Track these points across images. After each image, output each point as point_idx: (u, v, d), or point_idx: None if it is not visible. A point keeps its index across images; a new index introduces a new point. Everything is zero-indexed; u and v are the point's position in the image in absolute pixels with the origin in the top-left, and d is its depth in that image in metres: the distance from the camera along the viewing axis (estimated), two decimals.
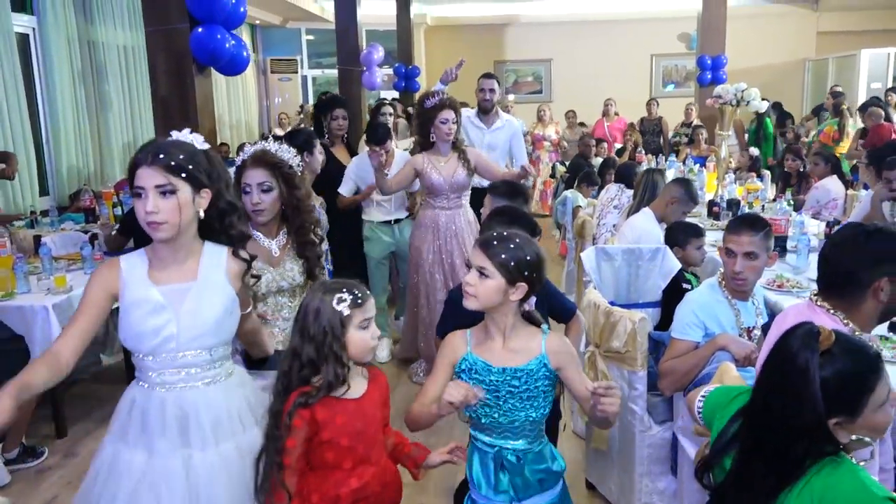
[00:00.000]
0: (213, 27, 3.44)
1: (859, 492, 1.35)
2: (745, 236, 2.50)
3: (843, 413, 1.39)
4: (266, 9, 11.04)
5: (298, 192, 2.49)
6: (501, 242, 1.85)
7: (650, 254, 3.40)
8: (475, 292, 1.86)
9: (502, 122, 5.20)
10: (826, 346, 1.41)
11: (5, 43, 5.93)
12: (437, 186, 4.14)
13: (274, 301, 2.53)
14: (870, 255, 1.93)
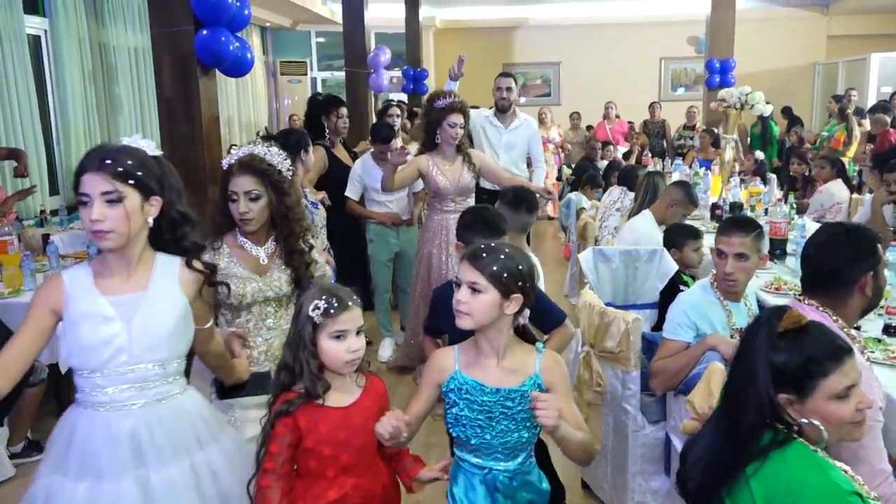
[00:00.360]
0: (217, 29, 3.50)
1: (825, 487, 1.37)
2: (736, 238, 2.53)
3: (792, 390, 1.45)
4: (276, 11, 11.13)
5: (288, 200, 2.38)
6: (490, 254, 1.77)
7: (647, 255, 3.43)
8: (469, 310, 1.76)
9: (520, 121, 5.11)
10: (787, 325, 1.47)
11: (18, 45, 6.01)
12: (443, 190, 4.10)
13: (259, 310, 2.43)
14: (852, 254, 1.97)
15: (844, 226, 2.13)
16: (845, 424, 1.47)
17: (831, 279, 1.97)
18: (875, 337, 2.76)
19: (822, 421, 1.45)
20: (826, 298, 1.99)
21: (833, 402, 1.45)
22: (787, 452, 1.44)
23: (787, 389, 1.46)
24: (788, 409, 1.46)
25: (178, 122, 3.60)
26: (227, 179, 2.35)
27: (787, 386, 1.46)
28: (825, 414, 1.45)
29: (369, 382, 1.93)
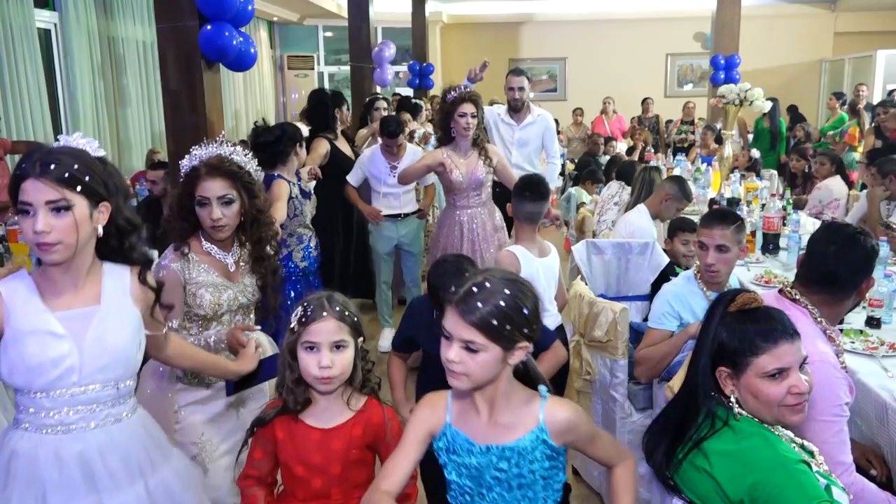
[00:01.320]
0: (221, 24, 3.57)
1: (773, 458, 1.48)
2: (717, 230, 2.59)
3: (728, 365, 1.58)
4: (284, 6, 11.21)
5: (259, 203, 2.26)
6: (486, 299, 1.42)
7: (639, 248, 3.50)
8: (465, 370, 1.44)
9: (533, 117, 5.02)
10: (737, 306, 1.60)
11: (28, 38, 6.13)
12: (457, 184, 3.99)
13: (229, 319, 2.29)
14: (862, 259, 2.05)
15: (854, 229, 2.17)
16: (778, 406, 1.55)
17: (838, 280, 2.04)
18: (857, 329, 2.83)
19: (752, 398, 1.56)
20: (822, 296, 2.05)
21: (764, 380, 1.55)
22: (737, 426, 1.55)
23: (726, 364, 1.58)
24: (727, 384, 1.59)
25: (182, 115, 3.68)
26: (194, 183, 2.18)
27: (727, 360, 1.58)
28: (755, 391, 1.55)
29: (366, 408, 1.76)
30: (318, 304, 1.70)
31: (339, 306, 1.72)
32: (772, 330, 1.56)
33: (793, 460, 1.48)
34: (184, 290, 2.20)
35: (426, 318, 2.13)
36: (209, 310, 2.21)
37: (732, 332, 1.58)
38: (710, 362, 1.60)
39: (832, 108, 9.11)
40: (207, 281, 2.21)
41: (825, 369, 1.85)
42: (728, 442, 1.54)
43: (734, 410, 1.58)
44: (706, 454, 1.56)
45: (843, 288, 2.05)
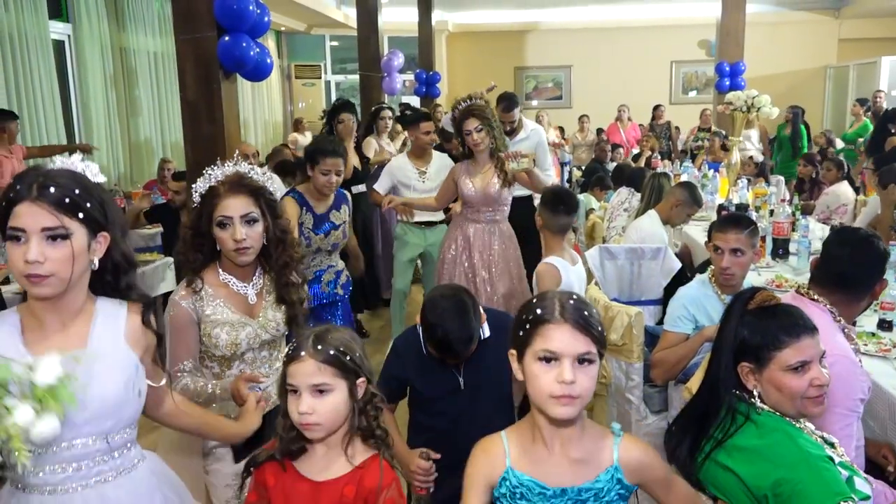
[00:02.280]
0: (239, 35, 3.64)
1: (796, 454, 1.52)
2: (732, 234, 2.65)
3: (751, 360, 1.63)
4: (292, 16, 11.30)
5: (283, 223, 2.09)
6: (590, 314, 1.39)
7: (652, 253, 3.55)
8: (581, 392, 1.33)
9: (526, 132, 4.84)
10: (757, 303, 1.65)
11: (42, 49, 6.22)
12: (468, 198, 3.79)
13: (252, 357, 2.11)
14: (877, 261, 2.13)
15: (866, 232, 2.27)
16: (800, 398, 1.61)
17: (853, 282, 2.11)
18: (870, 331, 2.87)
19: (775, 391, 1.61)
20: (838, 297, 2.11)
21: (787, 373, 1.60)
22: (760, 421, 1.60)
23: (749, 359, 1.64)
24: (749, 379, 1.64)
25: (200, 124, 3.75)
26: (213, 203, 1.99)
27: (749, 356, 1.63)
28: (779, 384, 1.61)
29: (365, 465, 1.55)
30: (300, 342, 1.53)
31: (325, 345, 1.51)
32: (794, 325, 1.62)
33: (816, 455, 1.52)
34: (198, 329, 2.03)
35: (416, 355, 2.05)
36: (226, 350, 2.04)
37: (755, 328, 1.63)
38: (732, 358, 1.65)
39: (856, 115, 9.11)
40: (223, 319, 2.03)
41: (845, 364, 1.91)
42: (751, 437, 1.58)
43: (756, 405, 1.62)
44: (729, 450, 1.60)
45: (858, 289, 2.12)
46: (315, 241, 3.34)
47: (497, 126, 3.74)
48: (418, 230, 4.68)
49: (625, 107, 10.56)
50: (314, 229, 3.34)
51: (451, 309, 2.03)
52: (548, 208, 3.01)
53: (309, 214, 3.32)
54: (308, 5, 10.12)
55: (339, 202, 3.44)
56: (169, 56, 8.29)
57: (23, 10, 5.99)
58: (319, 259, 3.43)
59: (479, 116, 3.67)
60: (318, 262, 3.43)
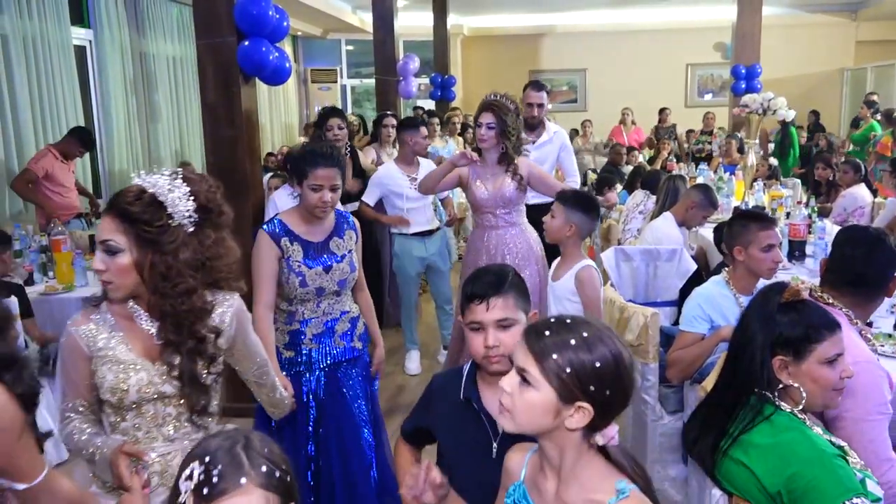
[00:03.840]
0: (258, 40, 3.70)
1: (810, 450, 1.55)
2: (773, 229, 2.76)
3: (790, 353, 1.64)
4: (308, 21, 11.40)
5: (169, 260, 1.61)
6: (558, 334, 1.24)
7: (668, 255, 3.57)
8: (510, 405, 1.26)
9: (549, 134, 4.59)
10: (789, 297, 1.68)
11: (64, 55, 6.33)
12: (481, 201, 3.60)
13: (154, 411, 1.69)
14: (889, 258, 2.15)
15: (875, 231, 2.28)
16: (829, 390, 1.64)
17: (868, 281, 2.14)
18: (886, 332, 2.87)
19: (811, 383, 1.64)
20: (854, 298, 2.13)
21: (824, 366, 1.64)
22: (775, 421, 1.62)
23: (786, 352, 1.65)
24: (782, 373, 1.65)
25: (220, 127, 3.81)
26: None
27: (787, 349, 1.65)
28: (816, 376, 1.64)
29: None
30: (226, 468, 1.11)
31: (264, 461, 1.14)
32: (830, 319, 1.67)
33: (830, 454, 1.55)
34: (90, 364, 1.68)
35: (452, 402, 1.69)
36: (110, 395, 1.65)
37: (794, 322, 1.66)
38: (769, 352, 1.66)
39: (864, 117, 9.12)
40: (113, 356, 1.66)
41: (870, 369, 1.92)
42: (765, 436, 1.60)
43: (780, 405, 1.64)
44: (744, 447, 1.63)
45: (874, 288, 2.14)
46: (311, 279, 2.56)
47: (513, 135, 3.52)
48: (418, 241, 4.54)
49: (628, 110, 10.63)
50: (306, 262, 2.56)
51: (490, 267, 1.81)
52: (583, 212, 2.92)
53: (296, 245, 2.55)
54: (324, 10, 10.21)
55: (342, 226, 2.67)
56: (187, 61, 8.41)
57: (46, 17, 6.10)
58: (326, 304, 2.64)
59: (496, 114, 3.49)
60: (325, 309, 2.64)
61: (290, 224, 2.57)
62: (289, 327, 2.64)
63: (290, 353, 2.64)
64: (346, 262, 2.63)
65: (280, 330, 2.64)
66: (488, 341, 1.62)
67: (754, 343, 1.68)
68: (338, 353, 2.67)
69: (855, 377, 1.73)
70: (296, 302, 2.61)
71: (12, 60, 5.77)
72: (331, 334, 2.66)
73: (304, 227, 2.59)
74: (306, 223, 2.59)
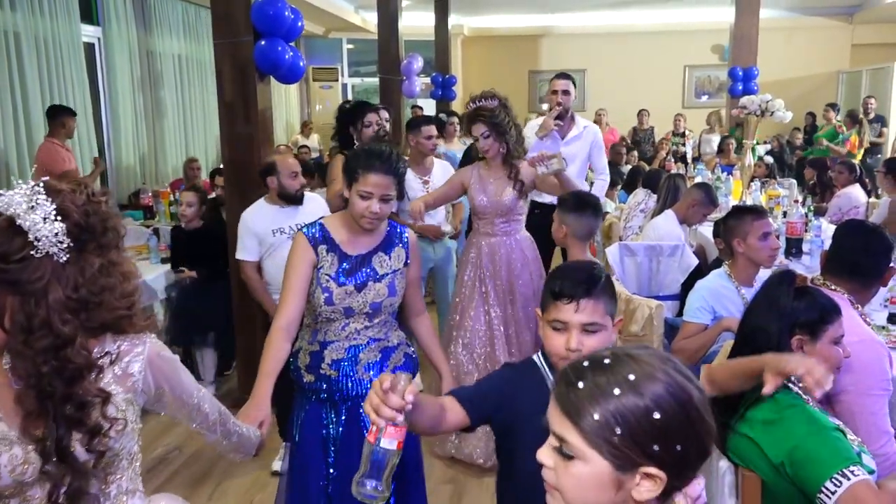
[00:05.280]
0: (274, 40, 3.81)
1: (811, 424, 1.68)
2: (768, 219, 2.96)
3: (806, 331, 1.81)
4: (311, 20, 11.50)
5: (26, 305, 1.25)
6: (595, 382, 0.98)
7: (670, 250, 3.69)
8: (555, 482, 1.01)
9: (579, 129, 4.38)
10: (800, 283, 1.86)
11: (74, 52, 6.42)
12: (480, 208, 3.49)
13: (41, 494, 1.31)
14: (887, 248, 2.31)
15: (872, 224, 2.52)
16: (833, 369, 1.79)
17: (865, 270, 2.29)
18: (880, 325, 3.00)
19: (824, 362, 1.75)
20: (853, 285, 2.28)
21: (832, 346, 1.82)
22: (779, 398, 1.74)
23: (803, 332, 1.81)
24: (798, 351, 1.81)
25: (237, 124, 3.92)
26: None
27: (804, 329, 1.81)
28: (827, 355, 1.80)
29: None
30: None
31: None
32: (836, 304, 1.85)
33: (828, 427, 1.67)
34: None
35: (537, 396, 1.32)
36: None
37: (811, 304, 1.83)
38: (787, 331, 1.80)
39: (828, 119, 9.66)
40: None
41: (873, 347, 2.06)
42: (769, 412, 1.73)
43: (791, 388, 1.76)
44: (751, 423, 1.75)
45: (870, 276, 2.29)
46: (339, 298, 2.21)
47: (511, 129, 3.36)
48: (426, 244, 4.27)
49: (603, 111, 10.90)
50: (337, 277, 2.22)
51: (582, 265, 1.69)
52: (573, 212, 2.90)
53: (332, 254, 2.24)
54: (327, 9, 10.32)
55: (392, 241, 2.32)
56: (194, 59, 8.51)
57: (56, 14, 6.19)
58: (354, 328, 2.28)
59: (485, 121, 3.32)
60: (351, 333, 2.28)
61: (332, 230, 2.26)
62: (311, 347, 2.31)
63: (311, 378, 2.29)
64: (385, 282, 2.26)
65: (303, 349, 2.33)
66: (571, 344, 1.53)
67: (772, 325, 1.81)
68: (362, 388, 2.26)
69: (858, 354, 1.89)
70: (321, 319, 2.28)
71: (24, 57, 5.86)
72: (353, 363, 2.27)
73: (347, 236, 2.26)
74: (350, 231, 2.25)
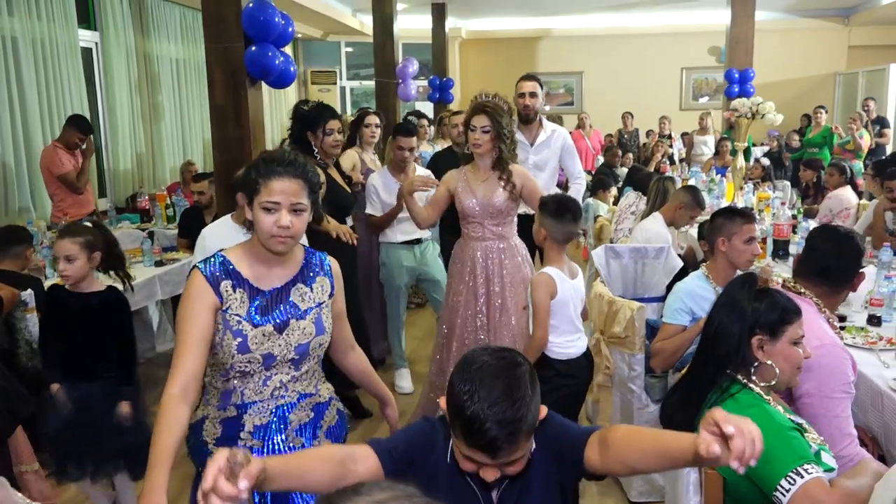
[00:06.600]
0: (265, 45, 3.87)
1: (769, 423, 1.71)
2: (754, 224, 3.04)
3: (766, 332, 1.83)
4: (308, 23, 11.56)
5: None
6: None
7: (655, 252, 3.73)
8: None
9: (547, 133, 4.29)
10: (762, 285, 1.89)
11: (71, 57, 6.48)
12: (469, 211, 3.38)
13: None
14: (854, 256, 2.35)
15: (846, 230, 2.51)
16: (794, 369, 1.84)
17: (837, 274, 2.32)
18: (859, 326, 3.04)
19: (783, 361, 1.83)
20: (820, 288, 2.31)
21: (792, 346, 1.84)
22: (740, 399, 1.79)
23: (763, 332, 1.84)
24: (758, 351, 1.84)
25: (228, 128, 3.98)
26: None
27: (764, 329, 1.84)
28: (787, 354, 1.84)
29: None
30: None
31: None
32: (796, 306, 1.88)
33: (785, 426, 1.72)
34: None
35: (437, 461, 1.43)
36: None
37: (771, 305, 1.85)
38: (747, 331, 1.83)
39: (818, 122, 9.63)
40: None
41: (834, 352, 2.08)
42: (730, 412, 1.75)
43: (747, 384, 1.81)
44: None
45: (839, 281, 2.32)
46: (255, 342, 1.79)
47: (509, 136, 3.33)
48: (406, 250, 4.22)
49: (586, 114, 11.04)
50: (251, 317, 1.80)
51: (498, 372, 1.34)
52: (553, 216, 2.78)
53: (241, 290, 1.81)
54: (325, 13, 10.37)
55: (312, 270, 1.91)
56: (190, 63, 8.57)
57: (54, 19, 6.25)
58: (278, 381, 1.86)
59: (491, 116, 3.26)
60: (275, 389, 1.86)
61: (236, 263, 1.82)
62: (223, 414, 1.82)
63: None
64: (310, 319, 1.85)
65: (211, 418, 1.83)
66: (487, 476, 1.36)
67: (733, 325, 1.84)
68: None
69: (820, 358, 1.92)
70: (233, 376, 1.81)
71: (21, 61, 5.91)
72: (282, 428, 1.85)
73: (256, 269, 1.83)
74: (259, 262, 1.84)
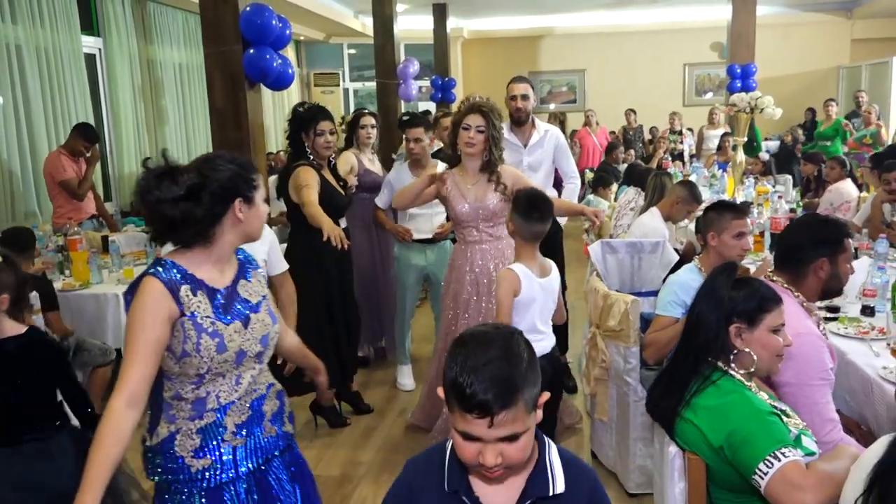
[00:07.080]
0: (263, 49, 3.93)
1: (748, 408, 1.76)
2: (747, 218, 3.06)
3: (744, 320, 1.87)
4: (311, 26, 11.63)
5: None
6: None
7: (651, 247, 3.76)
8: None
9: (540, 133, 4.19)
10: (741, 274, 1.94)
11: (75, 63, 6.56)
12: (462, 215, 3.34)
13: None
14: (814, 237, 2.29)
15: (819, 216, 2.53)
16: (773, 356, 1.87)
17: (790, 256, 2.31)
18: (852, 316, 3.07)
19: (761, 349, 1.87)
20: (788, 276, 2.32)
21: (771, 334, 1.87)
22: (721, 385, 1.83)
23: (741, 320, 1.87)
24: (737, 339, 1.87)
25: (227, 130, 4.04)
26: None
27: (741, 317, 1.87)
28: (765, 342, 1.87)
29: None
30: None
31: None
32: (775, 294, 1.91)
33: (765, 412, 1.75)
34: None
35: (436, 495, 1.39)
36: None
37: (749, 294, 1.89)
38: (725, 319, 1.87)
39: (828, 115, 9.51)
40: None
41: (812, 341, 2.11)
42: (712, 398, 1.81)
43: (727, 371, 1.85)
44: (694, 408, 1.84)
45: (795, 265, 2.28)
46: (230, 339, 1.79)
47: (500, 139, 3.34)
48: (418, 250, 4.28)
49: (592, 111, 11.04)
50: (220, 316, 1.79)
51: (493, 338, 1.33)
52: (520, 214, 2.72)
53: (200, 295, 1.77)
54: (327, 15, 10.44)
55: (245, 266, 1.93)
56: (193, 67, 8.64)
57: (57, 26, 6.33)
58: (249, 376, 1.87)
59: (487, 117, 3.25)
60: (248, 385, 1.87)
61: (188, 266, 1.78)
62: (199, 423, 1.80)
63: (206, 462, 1.78)
64: (264, 311, 1.89)
65: (183, 431, 1.79)
66: (487, 460, 1.27)
67: (712, 314, 1.88)
68: (269, 445, 1.89)
69: (799, 347, 1.94)
70: (206, 381, 1.79)
71: (26, 68, 6.00)
72: (259, 420, 1.88)
73: (208, 269, 1.81)
74: (210, 265, 1.81)
